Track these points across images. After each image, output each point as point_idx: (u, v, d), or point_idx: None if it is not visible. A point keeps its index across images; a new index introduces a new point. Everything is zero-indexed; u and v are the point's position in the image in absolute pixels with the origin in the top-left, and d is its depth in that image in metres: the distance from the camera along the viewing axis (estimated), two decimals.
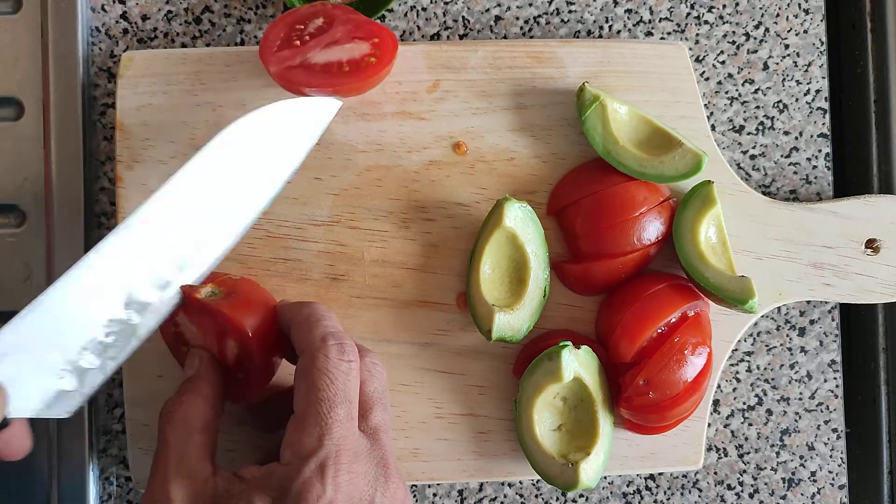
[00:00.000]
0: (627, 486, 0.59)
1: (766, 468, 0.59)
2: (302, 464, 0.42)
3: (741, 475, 0.59)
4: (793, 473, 0.59)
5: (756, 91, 0.59)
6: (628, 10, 0.59)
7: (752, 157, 0.59)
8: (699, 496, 0.59)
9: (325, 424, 0.42)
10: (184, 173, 0.47)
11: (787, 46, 0.60)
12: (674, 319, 0.53)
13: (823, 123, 0.60)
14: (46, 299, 0.44)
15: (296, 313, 0.47)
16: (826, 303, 0.59)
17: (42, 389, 0.45)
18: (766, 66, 0.59)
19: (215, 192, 0.48)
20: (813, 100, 0.60)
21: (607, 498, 0.59)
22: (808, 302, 0.59)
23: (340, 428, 0.43)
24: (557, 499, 0.59)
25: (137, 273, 0.46)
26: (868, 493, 0.61)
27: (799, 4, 0.60)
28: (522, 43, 0.56)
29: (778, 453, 0.59)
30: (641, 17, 0.59)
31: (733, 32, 0.59)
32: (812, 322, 0.60)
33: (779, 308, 0.59)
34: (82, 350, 0.45)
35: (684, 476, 0.59)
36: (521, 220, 0.53)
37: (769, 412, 0.59)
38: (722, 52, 0.59)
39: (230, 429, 0.54)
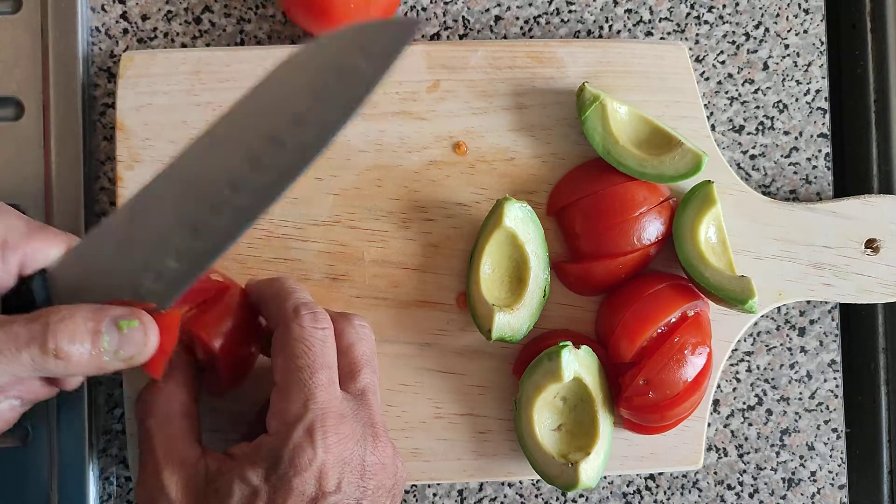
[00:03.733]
0: (627, 486, 0.59)
1: (766, 468, 0.59)
2: (290, 430, 0.42)
3: (741, 475, 0.59)
4: (793, 473, 0.59)
5: (756, 91, 0.59)
6: (628, 10, 0.59)
7: (752, 157, 0.59)
8: (699, 496, 0.59)
9: (307, 390, 0.43)
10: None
11: (787, 46, 0.60)
12: (674, 319, 0.53)
13: (823, 123, 0.60)
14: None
15: (266, 288, 0.47)
16: (826, 303, 0.59)
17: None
18: (766, 66, 0.59)
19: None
20: (813, 100, 0.60)
21: (607, 498, 0.59)
22: (808, 302, 0.59)
23: (323, 392, 0.43)
24: (557, 499, 0.59)
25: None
26: (868, 493, 0.61)
27: (799, 4, 0.60)
28: (522, 43, 0.56)
29: (778, 453, 0.59)
30: (641, 17, 0.59)
31: (733, 32, 0.59)
32: (812, 322, 0.60)
33: (779, 308, 0.59)
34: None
35: (684, 476, 0.59)
36: (521, 220, 0.53)
37: (769, 412, 0.59)
38: (722, 52, 0.59)
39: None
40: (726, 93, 0.59)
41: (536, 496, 0.59)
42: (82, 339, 0.40)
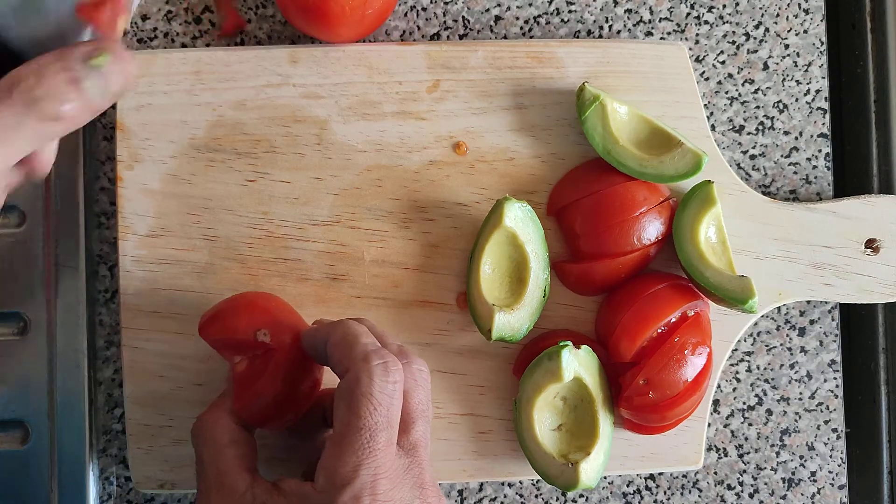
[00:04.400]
0: (627, 486, 0.59)
1: (766, 468, 0.59)
2: (336, 494, 0.40)
3: (741, 475, 0.59)
4: (793, 473, 0.59)
5: (756, 91, 0.59)
6: (628, 10, 0.59)
7: (752, 157, 0.59)
8: (699, 496, 0.59)
9: (363, 453, 0.41)
10: None
11: (787, 46, 0.60)
12: (674, 319, 0.53)
13: (823, 123, 0.60)
14: None
15: (330, 333, 0.45)
16: (826, 303, 0.59)
17: None
18: (766, 66, 0.59)
19: None
20: (813, 100, 0.60)
21: (607, 498, 0.59)
22: (808, 302, 0.59)
23: (379, 456, 0.41)
24: (557, 499, 0.59)
25: None
26: (868, 493, 0.61)
27: (799, 4, 0.60)
28: (522, 43, 0.56)
29: (778, 453, 0.59)
30: (641, 17, 0.59)
31: (733, 32, 0.59)
32: (812, 322, 0.60)
33: (779, 308, 0.59)
34: None
35: (684, 476, 0.59)
36: (521, 220, 0.53)
37: (769, 412, 0.59)
38: (722, 52, 0.59)
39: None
40: (726, 93, 0.59)
41: (536, 496, 0.59)
42: (66, 94, 0.37)
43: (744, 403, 0.59)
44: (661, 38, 0.59)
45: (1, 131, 0.36)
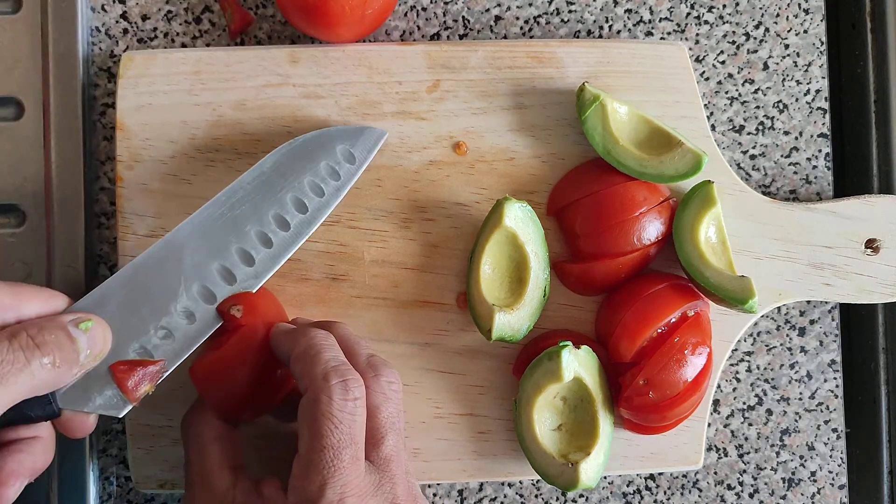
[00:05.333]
0: (627, 486, 0.59)
1: (766, 468, 0.59)
2: None
3: (741, 475, 0.59)
4: (793, 473, 0.59)
5: (756, 91, 0.59)
6: (628, 10, 0.59)
7: (752, 157, 0.59)
8: (699, 496, 0.59)
9: (327, 472, 0.41)
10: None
11: (787, 46, 0.60)
12: (674, 319, 0.53)
13: (823, 123, 0.60)
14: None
15: (293, 344, 0.45)
16: (826, 303, 0.59)
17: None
18: (766, 66, 0.59)
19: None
20: (813, 100, 0.60)
21: (607, 498, 0.59)
22: (808, 302, 0.59)
23: (345, 475, 0.41)
24: (557, 499, 0.59)
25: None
26: (868, 493, 0.61)
27: (799, 4, 0.60)
28: (522, 43, 0.56)
29: (778, 453, 0.59)
30: (641, 17, 0.59)
31: (733, 32, 0.59)
32: (812, 322, 0.60)
33: (779, 308, 0.59)
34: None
35: (684, 476, 0.59)
36: (521, 220, 0.53)
37: (769, 412, 0.59)
38: (722, 52, 0.59)
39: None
40: (726, 93, 0.59)
41: (536, 496, 0.59)
42: (62, 345, 0.42)
43: (744, 403, 0.59)
44: (661, 38, 0.59)
45: (3, 372, 0.40)
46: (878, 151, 0.62)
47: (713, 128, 0.59)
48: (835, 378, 0.60)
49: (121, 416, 0.45)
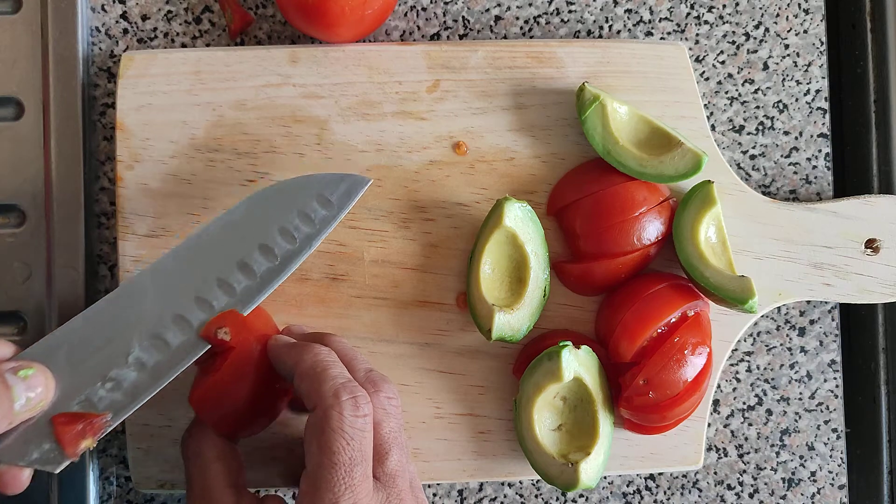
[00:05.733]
0: (627, 486, 0.59)
1: (766, 468, 0.59)
2: None
3: (741, 475, 0.59)
4: (793, 473, 0.59)
5: (756, 91, 0.59)
6: (628, 10, 0.59)
7: (752, 157, 0.59)
8: (699, 496, 0.59)
9: (339, 490, 0.40)
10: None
11: (787, 46, 0.60)
12: (674, 319, 0.53)
13: (823, 123, 0.60)
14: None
15: (298, 361, 0.44)
16: (826, 303, 0.59)
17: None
18: (766, 66, 0.59)
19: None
20: (813, 100, 0.60)
21: (607, 498, 0.59)
22: (808, 302, 0.59)
23: (356, 492, 0.41)
24: (557, 499, 0.59)
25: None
26: (868, 493, 0.61)
27: (799, 4, 0.60)
28: (522, 43, 0.56)
29: (778, 453, 0.59)
30: (641, 17, 0.59)
31: (733, 32, 0.59)
32: (812, 322, 0.60)
33: (779, 308, 0.59)
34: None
35: (684, 476, 0.59)
36: (521, 220, 0.53)
37: (769, 412, 0.59)
38: (722, 52, 0.59)
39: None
40: (726, 93, 0.59)
41: (536, 496, 0.59)
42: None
43: (744, 403, 0.59)
44: (661, 38, 0.59)
45: None
46: (878, 151, 0.62)
47: (713, 128, 0.59)
48: (835, 378, 0.60)
49: (57, 472, 0.42)
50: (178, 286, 0.46)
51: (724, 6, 0.59)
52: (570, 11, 0.59)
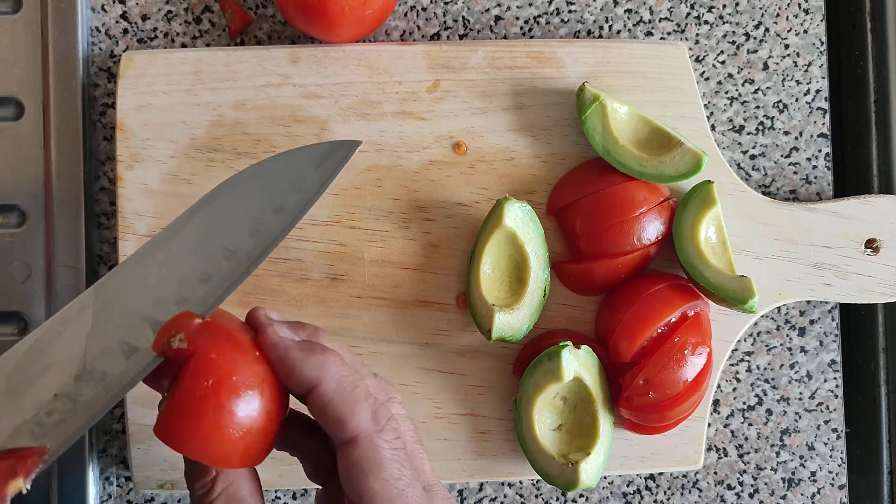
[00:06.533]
0: (627, 486, 0.59)
1: (766, 468, 0.59)
2: None
3: (741, 475, 0.59)
4: (793, 473, 0.59)
5: (756, 91, 0.59)
6: (628, 10, 0.59)
7: (752, 157, 0.59)
8: (699, 496, 0.59)
9: None
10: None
11: (787, 46, 0.60)
12: (674, 319, 0.53)
13: (823, 123, 0.60)
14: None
15: (322, 375, 0.38)
16: (826, 303, 0.59)
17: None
18: (766, 66, 0.59)
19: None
20: (813, 100, 0.60)
21: (607, 498, 0.59)
22: (808, 302, 0.59)
23: None
24: (557, 499, 0.59)
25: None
26: (868, 493, 0.61)
27: (799, 4, 0.60)
28: (522, 43, 0.56)
29: (778, 453, 0.59)
30: (641, 17, 0.59)
31: (733, 32, 0.59)
32: (812, 322, 0.60)
33: (779, 308, 0.59)
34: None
35: (684, 476, 0.59)
36: (521, 220, 0.53)
37: (769, 412, 0.59)
38: (722, 52, 0.59)
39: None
40: (726, 93, 0.59)
41: (536, 496, 0.59)
42: None
43: (744, 403, 0.59)
44: (661, 38, 0.59)
45: None
46: (878, 151, 0.62)
47: (713, 128, 0.59)
48: (835, 378, 0.60)
49: None
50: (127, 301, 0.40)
51: (724, 6, 0.59)
52: (570, 11, 0.59)
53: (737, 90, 0.59)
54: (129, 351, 0.39)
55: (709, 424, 0.59)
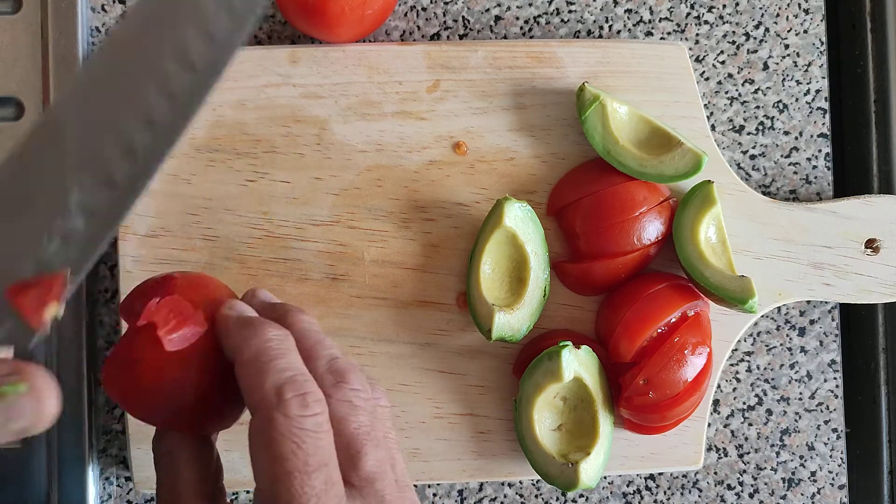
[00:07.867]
0: (627, 486, 0.59)
1: (766, 468, 0.59)
2: None
3: (741, 475, 0.59)
4: (793, 473, 0.59)
5: (756, 91, 0.59)
6: (628, 10, 0.59)
7: (752, 157, 0.59)
8: (699, 496, 0.59)
9: (298, 503, 0.34)
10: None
11: (787, 46, 0.60)
12: (674, 319, 0.53)
13: (823, 123, 0.60)
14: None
15: (241, 345, 0.37)
16: (826, 303, 0.59)
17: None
18: (766, 66, 0.59)
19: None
20: (813, 100, 0.60)
21: (607, 498, 0.59)
22: (808, 302, 0.59)
23: (322, 502, 0.34)
24: (557, 499, 0.59)
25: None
26: (868, 493, 0.61)
27: (799, 4, 0.60)
28: (522, 43, 0.56)
29: (778, 453, 0.59)
30: (641, 17, 0.59)
31: (733, 32, 0.59)
32: (812, 322, 0.60)
33: (779, 308, 0.59)
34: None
35: (684, 476, 0.59)
36: (521, 220, 0.53)
37: (769, 412, 0.59)
38: (722, 52, 0.59)
39: None
40: (726, 93, 0.59)
41: (536, 496, 0.59)
42: None
43: (744, 403, 0.59)
44: (661, 38, 0.59)
45: None
46: (878, 151, 0.62)
47: (713, 128, 0.59)
48: (835, 378, 0.60)
49: (30, 347, 0.34)
50: (105, 107, 0.37)
51: (724, 6, 0.59)
52: (570, 11, 0.59)
53: (737, 90, 0.59)
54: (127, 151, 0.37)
55: (709, 424, 0.59)
